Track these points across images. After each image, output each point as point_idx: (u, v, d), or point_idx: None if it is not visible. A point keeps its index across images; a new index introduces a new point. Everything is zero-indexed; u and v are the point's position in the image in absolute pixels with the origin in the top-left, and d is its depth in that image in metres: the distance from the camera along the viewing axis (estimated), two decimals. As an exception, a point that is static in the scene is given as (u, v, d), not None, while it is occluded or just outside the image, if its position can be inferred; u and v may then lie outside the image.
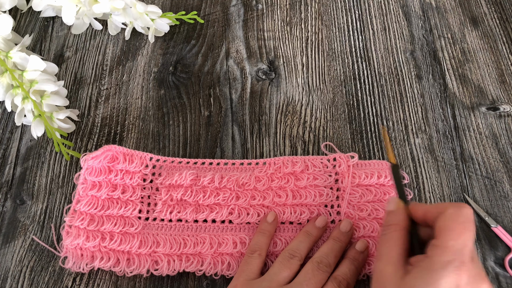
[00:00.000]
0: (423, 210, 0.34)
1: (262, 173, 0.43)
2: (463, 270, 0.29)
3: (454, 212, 0.31)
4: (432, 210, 0.33)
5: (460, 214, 0.31)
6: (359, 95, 0.51)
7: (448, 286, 0.28)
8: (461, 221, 0.31)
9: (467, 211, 0.31)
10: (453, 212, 0.31)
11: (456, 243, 0.30)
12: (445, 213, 0.31)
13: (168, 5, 0.59)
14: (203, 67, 0.53)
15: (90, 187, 0.42)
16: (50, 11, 0.55)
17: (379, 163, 0.45)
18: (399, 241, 0.33)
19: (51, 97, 0.46)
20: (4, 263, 0.41)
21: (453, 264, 0.29)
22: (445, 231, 0.31)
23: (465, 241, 0.30)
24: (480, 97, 0.51)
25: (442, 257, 0.29)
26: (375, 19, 0.57)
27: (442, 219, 0.31)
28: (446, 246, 0.30)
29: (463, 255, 0.29)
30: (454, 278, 0.28)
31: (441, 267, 0.29)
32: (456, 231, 0.30)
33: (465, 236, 0.30)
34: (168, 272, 0.39)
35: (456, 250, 0.30)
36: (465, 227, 0.30)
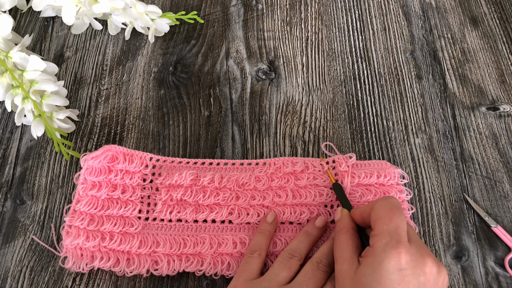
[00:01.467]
0: (359, 212, 0.37)
1: (262, 173, 0.43)
2: (401, 248, 0.31)
3: (382, 203, 0.34)
4: (366, 209, 0.36)
5: (387, 202, 0.34)
6: (359, 95, 0.51)
7: (391, 266, 0.30)
8: (390, 208, 0.33)
9: (393, 200, 0.34)
10: (381, 203, 0.34)
11: (389, 227, 0.32)
12: (375, 207, 0.34)
13: (168, 5, 0.59)
14: (203, 67, 0.53)
15: (90, 187, 0.42)
16: (50, 11, 0.55)
17: (379, 163, 0.45)
18: (348, 241, 0.35)
19: (51, 97, 0.46)
20: (4, 263, 0.41)
21: (390, 244, 0.31)
22: (378, 220, 0.33)
23: (397, 223, 0.32)
24: (480, 97, 0.51)
25: (380, 242, 0.32)
26: (375, 19, 0.57)
27: (374, 212, 0.34)
28: (381, 231, 0.32)
29: (398, 235, 0.31)
30: (394, 258, 0.30)
31: (381, 250, 0.31)
32: (386, 217, 0.33)
33: (396, 220, 0.32)
34: (168, 272, 0.39)
35: (390, 232, 0.32)
36: (394, 212, 0.33)
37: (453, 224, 0.43)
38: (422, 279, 0.31)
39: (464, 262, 0.41)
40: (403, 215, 0.33)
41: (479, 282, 0.40)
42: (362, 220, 0.36)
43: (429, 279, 0.31)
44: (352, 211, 0.38)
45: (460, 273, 0.41)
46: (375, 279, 0.30)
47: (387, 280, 0.30)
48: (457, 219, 0.43)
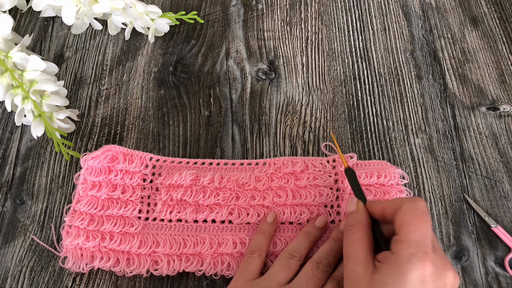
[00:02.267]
0: (380, 207, 0.35)
1: (262, 173, 0.43)
2: (427, 261, 0.30)
3: (409, 207, 0.32)
4: (389, 206, 0.34)
5: (415, 207, 0.32)
6: (359, 95, 0.51)
7: (415, 278, 0.29)
8: (418, 214, 0.32)
9: (421, 204, 0.33)
10: (409, 207, 0.32)
11: (417, 235, 0.31)
12: (401, 209, 0.32)
13: (168, 5, 0.59)
14: (203, 67, 0.53)
15: (90, 187, 0.42)
16: (50, 11, 0.55)
17: (379, 163, 0.45)
18: (363, 240, 0.33)
19: (51, 97, 0.46)
20: (4, 263, 0.41)
21: (417, 256, 0.30)
22: (405, 226, 0.32)
23: (425, 232, 0.31)
24: (480, 97, 0.51)
25: (406, 251, 0.30)
26: (375, 19, 0.57)
27: (400, 215, 0.32)
28: (407, 240, 0.31)
29: (425, 246, 0.30)
30: (419, 270, 0.29)
31: (406, 261, 0.30)
32: (414, 224, 0.31)
33: (424, 228, 0.31)
34: (168, 272, 0.39)
35: (418, 242, 0.31)
36: (422, 219, 0.32)
37: (453, 224, 0.43)
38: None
39: (464, 262, 0.41)
40: (430, 221, 0.32)
41: (479, 282, 0.40)
42: (382, 217, 0.35)
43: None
44: (370, 205, 0.36)
45: (460, 273, 0.41)
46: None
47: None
48: (457, 219, 0.43)
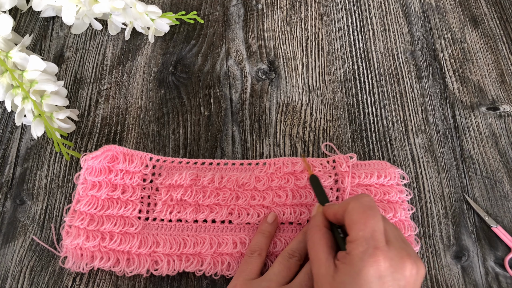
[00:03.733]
0: (332, 211, 0.35)
1: (262, 173, 0.43)
2: (379, 255, 0.30)
3: (354, 206, 0.33)
4: (339, 210, 0.34)
5: (360, 204, 0.33)
6: (359, 95, 0.51)
7: (370, 275, 0.29)
8: (363, 211, 0.32)
9: (366, 199, 0.33)
10: (354, 206, 0.33)
11: (365, 232, 0.31)
12: (347, 210, 0.33)
13: (168, 5, 0.59)
14: (203, 67, 0.53)
15: (90, 187, 0.42)
16: (50, 11, 0.55)
17: (379, 163, 0.45)
18: (322, 241, 0.34)
19: (51, 97, 0.46)
20: (4, 263, 0.41)
21: (368, 252, 0.30)
22: (353, 225, 0.32)
23: (374, 227, 0.31)
24: (480, 97, 0.51)
25: (357, 249, 0.31)
26: (375, 19, 0.57)
27: (347, 216, 0.33)
28: (357, 238, 0.31)
29: (375, 241, 0.30)
30: (373, 266, 0.30)
31: (359, 259, 0.30)
32: (361, 221, 0.32)
33: (372, 223, 0.31)
34: (168, 272, 0.39)
35: (367, 239, 0.31)
36: (368, 215, 0.32)
37: (453, 224, 0.43)
38: (403, 283, 0.30)
39: (464, 262, 0.41)
40: (379, 214, 0.32)
41: (479, 282, 0.40)
42: (336, 220, 0.35)
43: (409, 281, 0.30)
44: (325, 209, 0.37)
45: (460, 273, 0.41)
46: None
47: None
48: (457, 219, 0.43)
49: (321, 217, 0.36)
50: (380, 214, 0.33)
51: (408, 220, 0.42)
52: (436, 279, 0.40)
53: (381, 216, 0.33)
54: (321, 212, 0.37)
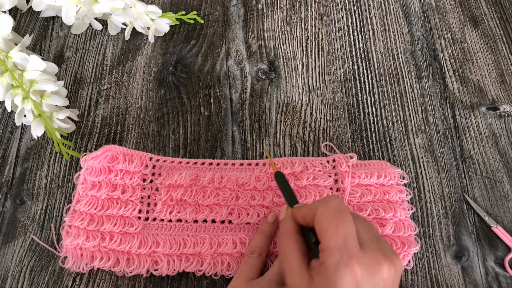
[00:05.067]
0: (302, 215, 0.34)
1: (262, 173, 0.43)
2: (354, 264, 0.29)
3: (322, 211, 0.31)
4: (308, 214, 0.33)
5: (328, 209, 0.31)
6: (359, 95, 0.51)
7: (347, 284, 0.28)
8: (333, 216, 0.31)
9: (334, 203, 0.31)
10: (322, 211, 0.31)
11: (337, 241, 0.30)
12: (316, 216, 0.31)
13: (168, 5, 0.59)
14: (203, 67, 0.53)
15: (90, 187, 0.42)
16: (50, 11, 0.55)
17: (379, 163, 0.45)
18: (294, 249, 0.33)
19: (51, 97, 0.46)
20: (4, 263, 0.41)
21: (342, 262, 0.29)
22: (323, 233, 0.31)
23: (345, 233, 0.30)
24: (480, 97, 0.51)
25: (331, 259, 0.29)
26: (375, 19, 0.57)
27: (317, 222, 0.31)
28: (329, 248, 0.30)
29: (349, 249, 0.29)
30: (349, 276, 0.29)
31: (334, 271, 0.29)
32: (331, 229, 0.30)
33: (343, 229, 0.30)
34: (167, 272, 0.39)
35: (340, 247, 0.29)
36: (338, 220, 0.30)
37: (453, 224, 0.43)
38: (381, 285, 0.29)
39: (464, 262, 0.41)
40: (349, 217, 0.31)
41: (479, 282, 0.40)
42: (306, 224, 0.34)
43: (387, 283, 0.30)
44: (294, 212, 0.35)
45: (460, 273, 0.41)
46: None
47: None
48: (457, 219, 0.43)
49: (291, 222, 0.35)
50: (351, 216, 0.31)
51: (408, 220, 0.42)
52: (436, 279, 0.40)
53: (351, 218, 0.31)
54: (291, 216, 0.35)
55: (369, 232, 0.32)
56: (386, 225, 0.41)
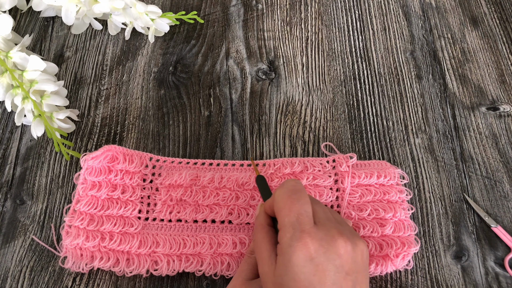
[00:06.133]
0: (268, 205, 0.34)
1: (262, 173, 0.43)
2: (306, 238, 0.29)
3: (279, 192, 0.32)
4: (271, 201, 0.34)
5: (284, 190, 0.32)
6: (359, 95, 0.51)
7: (300, 259, 0.29)
8: (288, 196, 0.31)
9: (290, 184, 0.32)
10: (279, 193, 0.32)
11: (290, 217, 0.30)
12: (274, 198, 0.32)
13: (168, 5, 0.59)
14: (203, 67, 0.53)
15: (90, 187, 0.42)
16: (50, 11, 0.55)
17: (379, 163, 0.45)
18: (264, 240, 0.33)
19: (51, 97, 0.46)
20: (4, 263, 0.41)
21: (294, 237, 0.29)
22: (279, 213, 0.31)
23: (299, 211, 0.30)
24: (480, 97, 0.51)
25: (284, 237, 0.30)
26: (375, 19, 0.57)
27: (275, 205, 0.32)
28: (283, 225, 0.30)
29: (301, 224, 0.30)
30: (301, 250, 0.29)
31: (288, 246, 0.29)
32: (286, 207, 0.31)
33: (297, 207, 0.30)
34: (167, 272, 0.39)
35: (292, 223, 0.30)
36: (293, 199, 0.31)
37: (453, 224, 0.43)
38: (338, 262, 0.29)
39: (464, 262, 0.41)
40: (304, 197, 0.31)
41: (479, 282, 0.40)
42: (273, 213, 0.34)
43: (346, 260, 0.29)
44: (264, 206, 0.35)
45: (460, 273, 0.41)
46: (290, 277, 0.29)
47: (301, 275, 0.29)
48: (457, 219, 0.43)
49: (263, 215, 0.35)
50: (308, 196, 0.32)
51: (408, 220, 0.42)
52: (436, 279, 0.40)
53: (308, 198, 0.32)
54: (263, 210, 0.36)
55: (329, 214, 0.33)
56: (386, 225, 0.41)
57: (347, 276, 0.29)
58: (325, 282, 0.28)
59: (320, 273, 0.28)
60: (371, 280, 0.40)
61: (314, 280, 0.28)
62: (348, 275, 0.29)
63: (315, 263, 0.29)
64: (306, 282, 0.28)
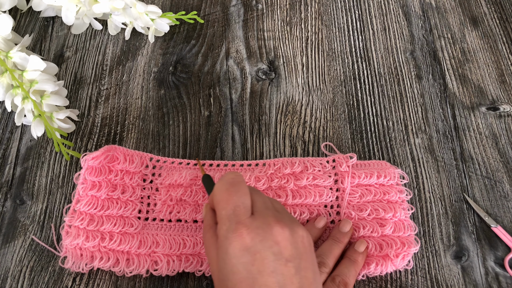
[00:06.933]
0: (210, 201, 0.34)
1: (262, 173, 0.43)
2: (241, 229, 0.29)
3: (218, 186, 0.32)
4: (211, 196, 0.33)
5: (222, 183, 0.32)
6: (359, 95, 0.51)
7: (236, 250, 0.28)
8: (225, 189, 0.31)
9: (229, 177, 0.32)
10: (218, 186, 0.32)
11: (227, 210, 0.30)
12: (213, 192, 0.32)
13: (168, 5, 0.59)
14: (203, 67, 0.53)
15: (90, 187, 0.42)
16: (50, 11, 0.55)
17: (379, 163, 0.45)
18: (212, 239, 0.33)
19: (51, 97, 0.46)
20: (4, 263, 0.41)
21: (230, 229, 0.29)
22: (217, 206, 0.31)
23: (235, 203, 0.30)
24: (480, 97, 0.51)
25: (221, 229, 0.30)
26: (375, 19, 0.57)
27: (214, 198, 0.32)
28: (220, 218, 0.30)
29: (237, 216, 0.30)
30: (237, 241, 0.29)
31: (224, 239, 0.29)
32: (223, 200, 0.31)
33: (233, 200, 0.30)
34: (167, 272, 0.39)
35: (229, 216, 0.30)
36: (230, 192, 0.31)
37: (453, 224, 0.43)
38: (276, 249, 0.29)
39: (464, 262, 0.41)
40: (243, 189, 0.31)
41: (479, 282, 0.40)
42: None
43: (285, 246, 0.29)
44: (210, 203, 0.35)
45: (460, 273, 0.41)
46: (229, 270, 0.29)
47: (239, 266, 0.28)
48: (457, 219, 0.43)
49: (209, 215, 0.35)
50: (246, 188, 0.31)
51: (408, 220, 0.42)
52: (436, 279, 0.40)
53: (246, 189, 0.31)
54: (209, 209, 0.35)
55: (268, 203, 0.32)
56: (386, 225, 0.40)
57: (287, 263, 0.29)
58: (265, 270, 0.28)
59: (258, 262, 0.28)
60: (371, 280, 0.40)
61: (253, 270, 0.28)
62: (288, 262, 0.29)
63: (252, 252, 0.28)
64: (245, 273, 0.28)
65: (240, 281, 0.28)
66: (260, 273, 0.28)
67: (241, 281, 0.28)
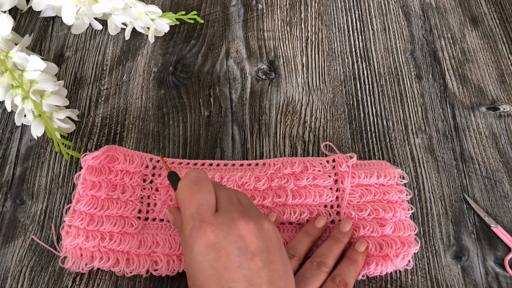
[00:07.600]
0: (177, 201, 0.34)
1: (262, 173, 0.43)
2: (205, 226, 0.29)
3: (180, 185, 0.32)
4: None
5: (185, 182, 0.32)
6: (359, 95, 0.51)
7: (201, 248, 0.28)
8: (188, 188, 0.31)
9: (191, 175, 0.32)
10: (181, 185, 0.32)
11: (191, 209, 0.30)
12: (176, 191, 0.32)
13: (168, 5, 0.59)
14: (203, 67, 0.53)
15: (90, 187, 0.42)
16: (50, 11, 0.55)
17: (379, 163, 0.45)
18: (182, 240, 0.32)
19: (51, 97, 0.46)
20: (4, 263, 0.41)
21: (194, 227, 0.29)
22: (181, 205, 0.31)
23: (198, 202, 0.30)
24: (480, 97, 0.51)
25: (186, 229, 0.30)
26: (375, 19, 0.57)
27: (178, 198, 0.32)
28: (184, 217, 0.30)
29: (200, 214, 0.30)
30: (201, 239, 0.29)
31: (189, 237, 0.29)
32: (187, 199, 0.31)
33: (196, 198, 0.30)
34: (167, 272, 0.39)
35: (192, 214, 0.30)
36: (193, 191, 0.31)
37: (453, 224, 0.43)
38: (241, 243, 0.29)
39: (464, 262, 0.41)
40: (206, 186, 0.31)
41: (479, 282, 0.40)
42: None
43: (250, 240, 0.29)
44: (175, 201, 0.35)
45: (460, 273, 0.41)
46: (195, 268, 0.29)
47: (205, 263, 0.28)
48: (457, 219, 0.43)
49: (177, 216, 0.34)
50: (210, 185, 0.31)
51: (408, 220, 0.42)
52: (436, 279, 0.40)
53: (210, 187, 0.31)
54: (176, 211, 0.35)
55: (234, 198, 0.32)
56: (386, 225, 0.40)
57: (254, 257, 0.29)
58: (231, 266, 0.28)
59: (223, 258, 0.28)
60: (371, 280, 0.40)
61: (219, 266, 0.28)
62: (255, 256, 0.29)
63: (217, 248, 0.28)
64: (211, 270, 0.28)
65: (207, 278, 0.28)
66: (226, 268, 0.28)
67: (208, 278, 0.28)
